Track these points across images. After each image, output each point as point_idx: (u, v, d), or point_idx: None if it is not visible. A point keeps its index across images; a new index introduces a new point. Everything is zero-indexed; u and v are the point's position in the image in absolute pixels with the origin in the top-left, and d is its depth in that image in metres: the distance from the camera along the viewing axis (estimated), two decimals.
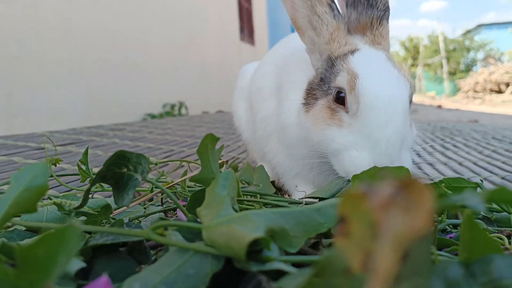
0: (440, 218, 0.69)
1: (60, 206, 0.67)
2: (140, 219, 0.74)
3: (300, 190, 0.97)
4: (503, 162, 1.73)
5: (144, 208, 0.83)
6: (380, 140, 0.75)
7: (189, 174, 0.92)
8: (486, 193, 0.29)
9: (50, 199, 0.74)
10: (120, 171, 0.56)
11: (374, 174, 0.66)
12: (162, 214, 0.74)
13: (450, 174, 1.56)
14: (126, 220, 0.74)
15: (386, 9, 0.93)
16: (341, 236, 0.23)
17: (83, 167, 0.82)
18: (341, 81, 0.81)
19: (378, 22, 0.92)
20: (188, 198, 0.66)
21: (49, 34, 3.99)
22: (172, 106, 6.32)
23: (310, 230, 0.45)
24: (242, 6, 9.88)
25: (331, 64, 0.86)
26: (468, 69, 24.90)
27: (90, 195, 0.96)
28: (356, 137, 0.78)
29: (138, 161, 0.55)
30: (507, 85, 14.67)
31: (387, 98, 0.77)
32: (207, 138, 0.62)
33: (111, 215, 0.70)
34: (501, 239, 0.65)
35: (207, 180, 0.66)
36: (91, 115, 4.45)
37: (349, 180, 0.78)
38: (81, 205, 0.56)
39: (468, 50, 26.13)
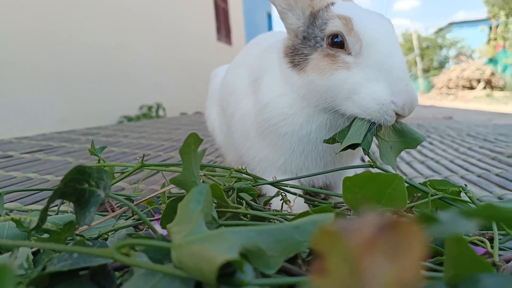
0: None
1: (19, 223, 0.62)
2: (109, 233, 0.69)
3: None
4: (478, 160, 1.75)
5: (117, 221, 0.78)
6: (392, 67, 0.79)
7: (167, 187, 0.87)
8: (473, 213, 0.27)
9: (8, 214, 0.68)
10: (81, 187, 0.52)
11: (367, 178, 0.63)
12: (131, 229, 0.70)
13: (428, 172, 1.56)
14: (95, 235, 0.69)
15: None
16: (318, 273, 0.20)
17: None
18: (335, 25, 0.84)
19: None
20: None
21: (22, 36, 3.85)
22: (149, 108, 6.21)
23: (289, 249, 0.41)
24: (218, 5, 9.80)
25: (312, 20, 0.90)
26: (441, 66, 25.48)
27: (55, 207, 0.90)
28: (367, 72, 0.80)
29: (100, 176, 0.51)
30: (479, 81, 15.14)
31: (385, 31, 0.83)
32: (191, 137, 0.59)
33: (76, 232, 0.65)
34: (482, 242, 0.63)
35: (187, 183, 0.62)
36: (66, 119, 4.32)
37: (370, 122, 0.79)
38: (38, 226, 0.51)
39: (441, 47, 26.74)
